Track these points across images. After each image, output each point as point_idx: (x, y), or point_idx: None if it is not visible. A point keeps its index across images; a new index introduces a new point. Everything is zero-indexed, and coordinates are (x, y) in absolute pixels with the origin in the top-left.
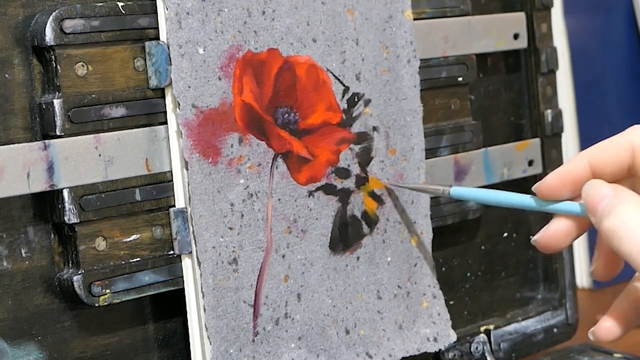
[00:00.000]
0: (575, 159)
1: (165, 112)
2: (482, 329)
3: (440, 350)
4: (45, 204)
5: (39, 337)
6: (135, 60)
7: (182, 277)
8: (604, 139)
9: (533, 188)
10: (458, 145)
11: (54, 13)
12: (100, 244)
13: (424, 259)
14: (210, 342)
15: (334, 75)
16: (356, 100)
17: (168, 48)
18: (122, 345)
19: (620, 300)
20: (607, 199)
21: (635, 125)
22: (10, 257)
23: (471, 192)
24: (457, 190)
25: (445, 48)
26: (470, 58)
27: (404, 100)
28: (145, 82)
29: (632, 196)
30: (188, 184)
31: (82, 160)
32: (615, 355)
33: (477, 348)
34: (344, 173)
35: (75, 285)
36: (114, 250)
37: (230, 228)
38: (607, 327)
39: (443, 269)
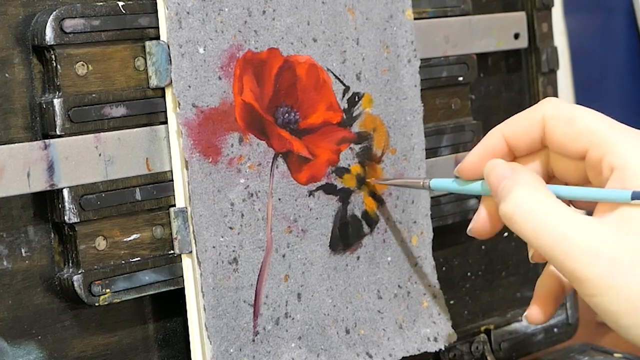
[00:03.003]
0: (490, 134)
1: (165, 112)
2: (483, 328)
3: (440, 349)
4: (45, 204)
5: (39, 337)
6: (136, 60)
7: (182, 276)
8: None
9: (454, 171)
10: (459, 144)
11: (54, 12)
12: (101, 243)
13: (425, 258)
14: (211, 342)
15: (334, 75)
16: (356, 99)
17: (168, 47)
18: (122, 345)
19: (543, 281)
20: (505, 179)
21: (547, 98)
22: (10, 257)
23: (449, 184)
24: (436, 183)
25: (446, 48)
26: (471, 58)
27: (404, 99)
28: (146, 81)
29: (528, 177)
30: (188, 184)
31: (83, 160)
32: (616, 355)
33: (477, 348)
34: (344, 173)
35: (76, 284)
36: (114, 249)
37: (231, 227)
38: (538, 310)
39: (443, 268)
